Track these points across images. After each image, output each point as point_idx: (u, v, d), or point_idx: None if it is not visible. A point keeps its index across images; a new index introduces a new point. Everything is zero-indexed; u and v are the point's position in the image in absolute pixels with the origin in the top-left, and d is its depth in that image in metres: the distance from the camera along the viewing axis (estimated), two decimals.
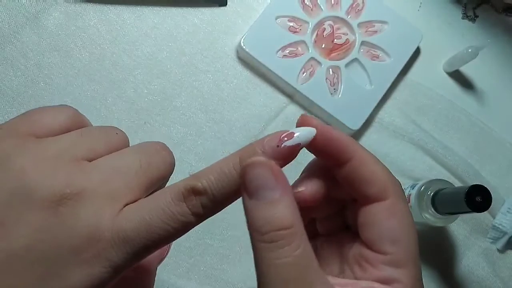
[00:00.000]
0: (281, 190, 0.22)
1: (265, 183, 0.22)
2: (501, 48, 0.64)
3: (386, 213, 0.24)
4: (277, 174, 0.22)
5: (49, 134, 0.23)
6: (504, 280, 0.56)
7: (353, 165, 0.24)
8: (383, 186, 0.24)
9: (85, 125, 0.25)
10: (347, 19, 0.58)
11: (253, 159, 0.22)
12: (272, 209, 0.21)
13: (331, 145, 0.25)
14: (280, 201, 0.21)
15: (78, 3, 0.55)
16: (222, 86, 0.56)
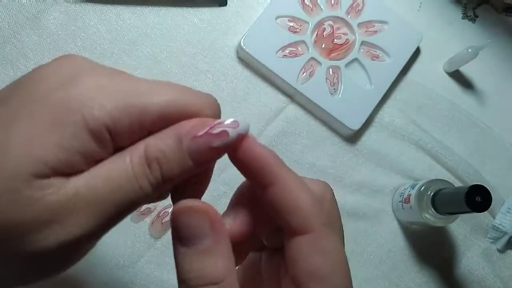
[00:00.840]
0: (215, 239, 0.20)
1: (198, 232, 0.20)
2: (501, 48, 0.64)
3: (309, 249, 0.21)
4: (213, 221, 0.20)
5: None
6: (504, 280, 0.56)
7: (275, 190, 0.22)
8: (307, 217, 0.21)
9: None
10: (347, 19, 0.58)
11: (187, 203, 0.20)
12: (203, 259, 0.20)
13: (253, 162, 0.22)
14: (213, 251, 0.20)
15: (78, 3, 0.55)
16: (222, 86, 0.56)
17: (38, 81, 0.20)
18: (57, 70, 0.21)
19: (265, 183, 0.22)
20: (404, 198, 0.53)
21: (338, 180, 0.56)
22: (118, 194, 0.19)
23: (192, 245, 0.20)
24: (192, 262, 0.20)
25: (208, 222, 0.20)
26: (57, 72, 0.21)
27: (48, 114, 0.19)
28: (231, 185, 0.53)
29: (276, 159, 0.23)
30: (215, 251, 0.20)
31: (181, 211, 0.20)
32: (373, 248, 0.55)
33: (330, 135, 0.57)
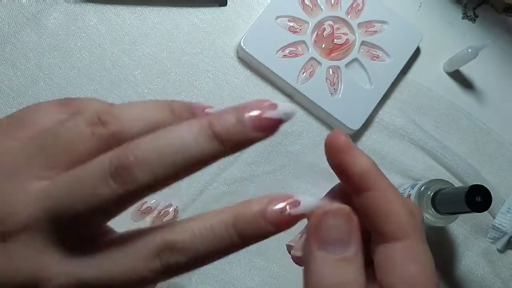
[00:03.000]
0: (356, 248, 0.19)
1: (342, 237, 0.19)
2: (501, 48, 0.64)
3: (404, 255, 0.20)
4: (355, 230, 0.20)
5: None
6: (504, 280, 0.56)
7: (371, 195, 0.21)
8: (402, 223, 0.21)
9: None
10: (347, 19, 0.58)
11: (335, 206, 0.20)
12: (343, 268, 0.19)
13: (354, 168, 0.22)
14: (354, 261, 0.19)
15: (78, 3, 0.55)
16: (223, 85, 0.56)
17: None
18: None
19: (363, 188, 0.21)
20: None
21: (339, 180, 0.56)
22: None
23: (334, 251, 0.19)
24: (332, 268, 0.19)
25: (353, 228, 0.20)
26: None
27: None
28: (232, 185, 0.53)
29: (375, 166, 0.22)
30: (356, 261, 0.19)
31: (332, 212, 0.19)
32: None
33: None
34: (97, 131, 0.19)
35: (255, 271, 0.52)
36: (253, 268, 0.52)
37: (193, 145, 0.18)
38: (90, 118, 0.19)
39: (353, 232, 0.19)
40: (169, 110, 0.20)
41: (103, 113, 0.19)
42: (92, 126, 0.19)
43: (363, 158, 0.22)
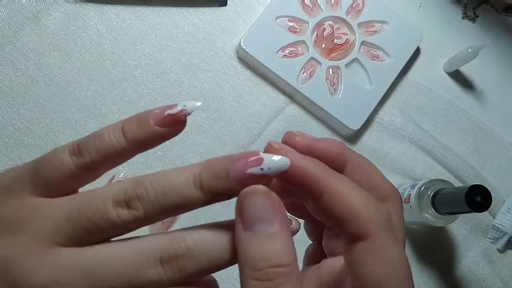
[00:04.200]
0: (280, 223, 0.20)
1: (263, 215, 0.20)
2: (501, 48, 0.64)
3: (367, 255, 0.20)
4: (277, 206, 0.20)
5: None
6: (504, 280, 0.56)
7: (326, 199, 0.21)
8: (361, 222, 0.20)
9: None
10: (347, 19, 0.58)
11: (252, 187, 0.20)
12: (269, 243, 0.19)
13: (297, 176, 0.21)
14: (279, 236, 0.19)
15: (78, 3, 0.55)
16: (223, 85, 0.56)
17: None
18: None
19: (316, 194, 0.21)
20: (404, 198, 0.53)
21: None
22: None
23: (257, 230, 0.20)
24: (258, 246, 0.19)
25: (273, 206, 0.20)
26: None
27: None
28: None
29: (320, 167, 0.22)
30: (281, 237, 0.20)
31: (248, 193, 0.20)
32: None
33: (330, 135, 0.57)
34: (122, 215, 0.20)
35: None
36: None
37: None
38: (117, 197, 0.20)
39: (273, 209, 0.20)
40: (195, 183, 0.21)
41: (129, 192, 0.20)
42: (118, 207, 0.20)
43: (304, 163, 0.21)
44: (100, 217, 0.20)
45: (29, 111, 0.52)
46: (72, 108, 0.53)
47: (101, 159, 0.21)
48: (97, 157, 0.21)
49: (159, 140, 0.22)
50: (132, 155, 0.22)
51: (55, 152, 0.22)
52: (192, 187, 0.20)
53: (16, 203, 0.21)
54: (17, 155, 0.50)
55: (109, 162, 0.22)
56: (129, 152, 0.22)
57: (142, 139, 0.21)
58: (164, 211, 0.20)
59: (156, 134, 0.21)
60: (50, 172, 0.21)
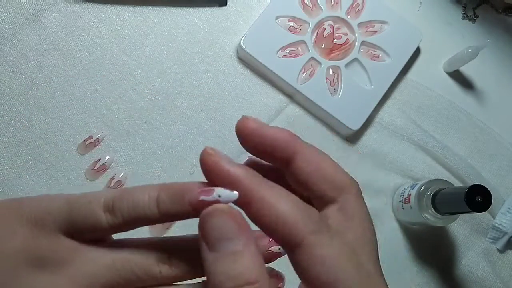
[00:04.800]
0: (244, 239, 0.20)
1: (226, 234, 0.20)
2: (501, 48, 0.64)
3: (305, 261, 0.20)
4: (240, 224, 0.20)
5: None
6: (504, 280, 0.56)
7: (254, 209, 0.21)
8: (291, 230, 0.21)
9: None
10: (347, 19, 0.58)
11: (213, 207, 0.20)
12: (235, 262, 0.19)
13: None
14: (244, 253, 0.19)
15: (78, 3, 0.55)
16: (223, 85, 0.56)
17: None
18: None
19: (246, 204, 0.21)
20: (404, 198, 0.53)
21: None
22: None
23: (222, 249, 0.20)
24: (224, 264, 0.19)
25: (236, 224, 0.20)
26: None
27: None
28: None
29: (252, 176, 0.22)
30: (246, 253, 0.20)
31: (209, 213, 0.20)
32: None
33: (330, 135, 0.57)
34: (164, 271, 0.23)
35: None
36: None
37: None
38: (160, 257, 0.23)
39: (236, 227, 0.20)
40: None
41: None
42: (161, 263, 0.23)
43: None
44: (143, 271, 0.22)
45: (29, 111, 0.52)
46: (72, 108, 0.53)
47: (132, 221, 0.22)
48: (129, 219, 0.22)
49: (188, 217, 0.22)
50: (161, 222, 0.23)
51: (90, 204, 0.22)
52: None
53: (53, 241, 0.22)
54: (17, 155, 0.50)
55: (138, 224, 0.23)
56: (159, 220, 0.22)
57: (174, 213, 0.22)
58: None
59: (188, 213, 0.22)
60: (84, 223, 0.22)
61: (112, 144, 0.53)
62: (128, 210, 0.22)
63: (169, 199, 0.22)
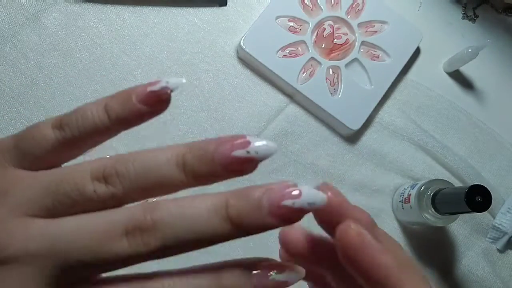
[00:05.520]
0: None
1: None
2: (501, 48, 0.64)
3: None
4: None
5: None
6: (504, 280, 0.56)
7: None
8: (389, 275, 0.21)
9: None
10: (347, 19, 0.58)
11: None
12: None
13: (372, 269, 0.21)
14: None
15: (78, 3, 0.55)
16: (223, 85, 0.56)
17: None
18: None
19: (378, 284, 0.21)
20: (404, 198, 0.53)
21: (338, 180, 0.56)
22: None
23: None
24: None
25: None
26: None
27: None
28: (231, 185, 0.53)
29: (395, 260, 0.21)
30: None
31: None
32: None
33: (330, 135, 0.57)
34: (99, 190, 0.19)
35: None
36: None
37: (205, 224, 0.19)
38: (96, 172, 0.20)
39: None
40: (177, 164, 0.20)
41: (108, 168, 0.20)
42: (96, 181, 0.20)
43: (385, 256, 0.21)
44: (76, 191, 0.19)
45: (29, 111, 0.52)
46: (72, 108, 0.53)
47: (82, 135, 0.21)
48: (78, 133, 0.21)
49: (142, 119, 0.21)
50: (114, 133, 0.22)
51: (38, 126, 0.21)
52: (174, 168, 0.19)
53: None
54: None
55: (91, 139, 0.21)
56: (111, 130, 0.21)
57: (125, 117, 0.21)
58: (143, 190, 0.19)
59: (139, 112, 0.21)
60: (32, 145, 0.21)
61: (112, 144, 0.52)
62: (76, 122, 0.20)
63: (117, 104, 0.20)
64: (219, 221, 0.19)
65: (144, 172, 0.19)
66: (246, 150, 0.19)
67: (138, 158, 0.20)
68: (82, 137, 0.21)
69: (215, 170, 0.19)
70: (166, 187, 0.20)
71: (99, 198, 0.19)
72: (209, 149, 0.19)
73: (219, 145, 0.19)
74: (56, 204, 0.19)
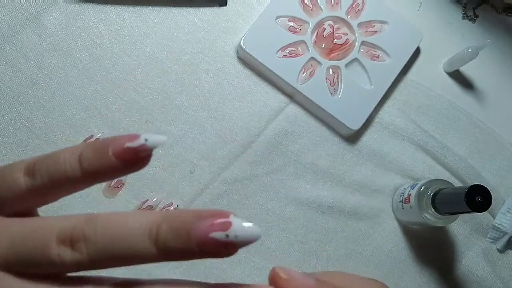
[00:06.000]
0: None
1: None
2: (501, 48, 0.64)
3: None
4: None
5: None
6: (504, 280, 0.56)
7: None
8: None
9: None
10: (347, 19, 0.58)
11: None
12: None
13: None
14: None
15: (78, 3, 0.55)
16: (223, 85, 0.56)
17: None
18: None
19: None
20: (404, 198, 0.53)
21: (338, 180, 0.56)
22: None
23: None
24: None
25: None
26: None
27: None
28: (232, 184, 0.53)
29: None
30: None
31: None
32: (373, 248, 0.55)
33: (330, 135, 0.57)
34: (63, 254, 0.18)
35: (255, 271, 0.52)
36: (253, 268, 0.52)
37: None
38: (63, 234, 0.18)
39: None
40: (151, 241, 0.18)
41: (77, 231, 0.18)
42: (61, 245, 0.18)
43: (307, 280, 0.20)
44: (40, 252, 0.18)
45: (29, 111, 0.52)
46: (72, 108, 0.53)
47: (53, 184, 0.20)
48: (48, 182, 0.20)
49: (117, 174, 0.20)
50: (87, 185, 0.20)
51: (11, 168, 0.20)
52: (146, 239, 0.18)
53: None
54: (17, 155, 0.50)
55: (61, 189, 0.20)
56: (83, 182, 0.20)
57: (98, 170, 0.19)
58: (108, 259, 0.18)
59: (114, 167, 0.19)
60: (3, 189, 0.20)
61: None
62: (48, 170, 0.19)
63: (92, 154, 0.19)
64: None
65: (113, 240, 0.18)
66: (226, 233, 0.17)
67: (110, 222, 0.18)
68: (52, 185, 0.20)
69: (190, 248, 0.18)
70: (134, 259, 0.18)
71: (62, 264, 0.18)
72: (187, 222, 0.18)
73: (197, 221, 0.18)
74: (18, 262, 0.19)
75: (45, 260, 0.18)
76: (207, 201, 0.53)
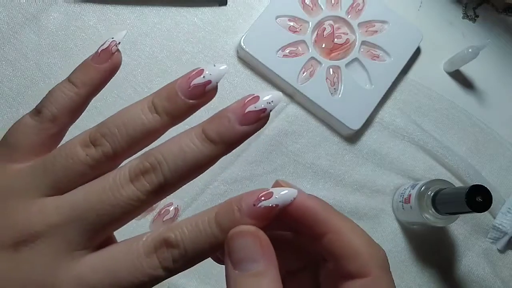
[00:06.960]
0: (266, 262, 0.20)
1: (250, 255, 0.20)
2: (501, 48, 0.64)
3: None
4: (264, 245, 0.21)
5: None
6: (504, 280, 0.56)
7: (330, 238, 0.22)
8: (364, 261, 0.22)
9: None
10: (347, 18, 0.58)
11: (240, 228, 0.21)
12: (255, 282, 0.20)
13: (305, 215, 0.22)
14: (265, 275, 0.20)
15: (78, 3, 0.55)
16: (223, 84, 0.56)
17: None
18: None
19: (320, 233, 0.22)
20: (404, 198, 0.53)
21: (338, 180, 0.56)
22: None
23: (245, 269, 0.20)
24: (245, 284, 0.20)
25: (260, 246, 0.21)
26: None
27: None
28: (232, 184, 0.53)
29: (326, 207, 0.22)
30: (267, 275, 0.20)
31: (236, 233, 0.21)
32: None
33: (330, 135, 0.57)
34: (91, 153, 0.22)
35: None
36: None
37: (196, 152, 0.22)
38: (83, 141, 0.22)
39: (260, 249, 0.20)
40: (149, 109, 0.23)
41: (93, 133, 0.22)
42: (85, 147, 0.22)
43: (312, 203, 0.22)
44: (71, 161, 0.21)
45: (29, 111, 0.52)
46: None
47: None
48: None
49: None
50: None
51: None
52: (148, 113, 0.22)
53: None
54: None
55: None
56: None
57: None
58: (130, 142, 0.22)
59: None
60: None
61: None
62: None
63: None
64: (207, 144, 0.22)
65: (126, 127, 0.22)
66: (202, 76, 0.22)
67: (116, 118, 0.22)
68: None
69: (184, 103, 0.23)
70: (149, 132, 0.22)
71: (94, 161, 0.21)
72: (172, 88, 0.22)
73: (179, 82, 0.22)
74: (58, 179, 0.21)
75: (78, 165, 0.21)
76: (207, 200, 0.53)
